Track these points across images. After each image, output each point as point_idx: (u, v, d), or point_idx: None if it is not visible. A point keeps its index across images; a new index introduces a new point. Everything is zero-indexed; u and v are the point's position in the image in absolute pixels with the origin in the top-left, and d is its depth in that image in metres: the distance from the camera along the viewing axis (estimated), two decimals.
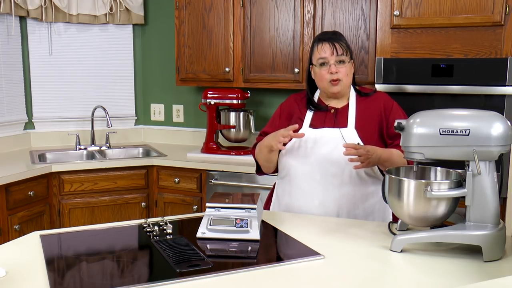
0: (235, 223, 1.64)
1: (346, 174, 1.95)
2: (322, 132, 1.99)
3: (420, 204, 1.51)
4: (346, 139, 1.94)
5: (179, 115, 3.97)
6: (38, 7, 3.50)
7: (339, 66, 1.98)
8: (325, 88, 2.03)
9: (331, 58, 1.97)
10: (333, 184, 1.95)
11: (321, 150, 1.96)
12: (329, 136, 1.97)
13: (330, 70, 1.98)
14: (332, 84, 1.99)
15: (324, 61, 1.99)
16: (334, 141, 1.96)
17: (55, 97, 3.78)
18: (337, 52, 1.97)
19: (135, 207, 3.30)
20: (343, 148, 1.93)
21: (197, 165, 3.19)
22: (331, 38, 2.00)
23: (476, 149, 1.45)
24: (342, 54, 1.98)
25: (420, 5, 2.62)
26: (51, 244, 1.61)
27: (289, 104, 2.16)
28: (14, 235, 2.75)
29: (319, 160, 1.96)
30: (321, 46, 2.00)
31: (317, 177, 1.96)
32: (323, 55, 1.98)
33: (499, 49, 2.51)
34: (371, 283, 1.33)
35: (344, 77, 1.99)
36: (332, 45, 1.98)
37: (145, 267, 1.44)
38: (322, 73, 2.00)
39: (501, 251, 1.47)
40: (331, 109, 2.04)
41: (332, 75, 1.97)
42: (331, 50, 1.98)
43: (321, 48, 2.00)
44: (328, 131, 1.99)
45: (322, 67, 1.99)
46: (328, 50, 1.98)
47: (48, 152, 3.51)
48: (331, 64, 1.97)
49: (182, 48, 3.49)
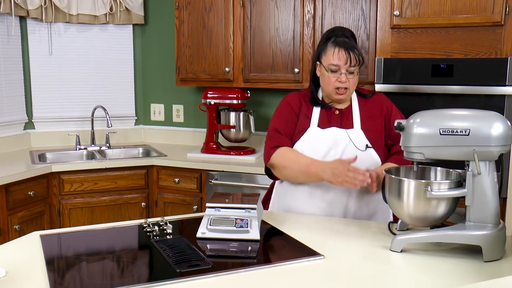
0: (235, 223, 1.64)
1: None
2: (331, 132, 1.97)
3: (420, 204, 1.51)
4: (354, 140, 1.94)
5: (179, 115, 3.97)
6: (38, 7, 3.50)
7: (349, 76, 1.93)
8: (329, 93, 1.98)
9: (344, 67, 1.91)
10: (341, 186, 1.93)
11: (331, 152, 1.95)
12: (337, 137, 1.96)
13: (340, 78, 1.92)
14: (338, 92, 1.95)
15: (336, 68, 1.93)
16: (342, 143, 1.95)
17: (55, 97, 3.78)
18: (351, 63, 1.91)
19: (135, 207, 3.30)
20: (352, 150, 1.93)
21: (197, 165, 3.18)
22: (348, 46, 1.92)
23: (476, 149, 1.45)
24: (354, 65, 1.92)
25: (420, 5, 2.62)
26: (51, 244, 1.61)
27: (294, 99, 2.08)
28: (14, 235, 2.75)
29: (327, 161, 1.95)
30: (337, 52, 1.92)
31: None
32: (337, 62, 1.92)
33: (499, 49, 2.51)
34: (371, 283, 1.33)
35: (352, 87, 1.96)
36: (348, 54, 1.91)
37: (145, 267, 1.44)
38: (331, 79, 1.94)
39: (501, 251, 1.47)
40: (336, 110, 2.03)
41: (341, 83, 1.93)
42: (345, 59, 1.91)
43: (336, 54, 1.92)
44: (337, 131, 1.97)
45: (333, 73, 1.94)
46: (342, 59, 1.91)
47: (48, 152, 3.51)
48: (342, 73, 1.92)
49: (182, 48, 3.49)
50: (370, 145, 1.94)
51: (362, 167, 1.84)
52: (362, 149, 1.93)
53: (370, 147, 1.94)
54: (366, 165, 1.91)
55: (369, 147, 1.94)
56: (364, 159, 1.92)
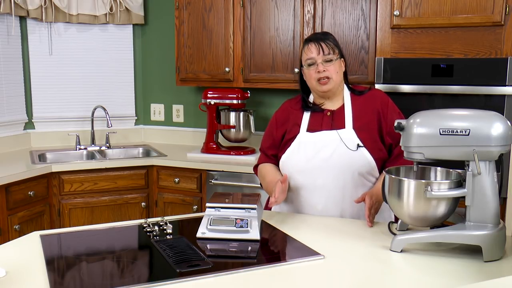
0: (235, 223, 1.64)
1: (347, 177, 1.93)
2: (321, 135, 1.98)
3: (420, 204, 1.51)
4: (345, 141, 1.94)
5: (179, 115, 3.98)
6: (38, 7, 3.50)
7: (327, 65, 1.97)
8: (314, 87, 2.02)
9: (318, 57, 1.97)
10: (335, 187, 1.94)
11: (321, 154, 1.95)
12: (327, 139, 1.96)
13: (318, 69, 1.97)
14: (320, 83, 1.98)
15: (312, 62, 1.99)
16: (333, 144, 1.95)
17: (55, 97, 3.78)
18: (324, 52, 1.97)
19: (135, 207, 3.30)
20: (343, 151, 1.93)
21: (197, 165, 3.19)
22: (317, 38, 2.01)
23: (476, 149, 1.45)
24: (329, 53, 1.98)
25: (420, 5, 2.62)
26: (51, 244, 1.61)
27: (283, 111, 2.15)
28: (14, 235, 2.75)
29: (319, 164, 1.95)
30: (308, 47, 2.00)
31: (319, 181, 1.95)
32: (310, 55, 1.99)
33: (499, 49, 2.51)
34: (371, 283, 1.33)
35: (333, 75, 1.98)
36: (318, 45, 1.98)
37: (145, 267, 1.44)
38: (310, 73, 2.00)
39: (501, 251, 1.47)
40: (327, 112, 2.04)
41: (320, 73, 1.97)
42: (317, 50, 1.98)
43: (308, 49, 2.00)
44: (326, 134, 1.97)
45: (310, 67, 2.00)
46: (314, 50, 1.98)
47: (48, 152, 3.51)
48: (318, 63, 1.97)
49: (182, 48, 3.49)
50: (361, 145, 1.93)
51: (354, 168, 1.91)
52: (353, 149, 1.93)
53: (362, 146, 1.93)
54: (358, 164, 1.92)
55: (361, 146, 1.93)
56: (356, 158, 1.92)
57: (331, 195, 1.95)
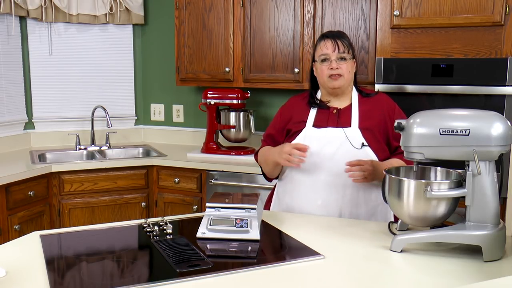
0: (235, 223, 1.64)
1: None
2: (326, 131, 1.99)
3: (420, 204, 1.51)
4: (350, 139, 1.95)
5: (179, 115, 3.98)
6: (38, 7, 3.50)
7: (340, 63, 2.00)
8: (325, 83, 2.04)
9: (333, 54, 2.00)
10: (336, 184, 1.95)
11: (325, 150, 1.96)
12: (333, 136, 1.98)
13: (331, 66, 2.00)
14: (332, 78, 2.01)
15: (326, 57, 2.01)
16: (338, 141, 1.96)
17: (55, 97, 3.78)
18: (339, 49, 2.00)
19: (135, 207, 3.30)
20: (347, 148, 1.94)
21: (197, 165, 3.19)
22: (334, 36, 2.04)
23: (476, 149, 1.45)
24: (344, 51, 2.01)
25: (420, 5, 2.62)
26: (51, 244, 1.61)
27: (289, 106, 2.16)
28: (14, 235, 2.75)
29: (323, 160, 1.96)
30: (324, 43, 2.03)
31: (321, 177, 1.96)
32: (325, 51, 2.02)
33: (499, 49, 2.51)
34: (371, 283, 1.33)
35: (345, 73, 2.01)
36: (334, 42, 2.01)
37: (145, 267, 1.44)
38: (322, 68, 2.03)
39: (501, 251, 1.47)
40: (334, 109, 2.05)
41: (332, 70, 2.00)
42: (333, 47, 2.01)
43: (323, 45, 2.03)
44: (332, 131, 1.99)
45: (324, 63, 2.02)
46: (330, 47, 2.01)
47: (48, 152, 3.51)
48: (332, 60, 2.00)
49: (182, 48, 3.49)
50: (366, 144, 1.95)
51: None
52: (357, 147, 1.95)
53: (366, 145, 1.95)
54: None
55: (365, 145, 1.95)
56: (360, 157, 1.93)
57: (331, 191, 1.96)
